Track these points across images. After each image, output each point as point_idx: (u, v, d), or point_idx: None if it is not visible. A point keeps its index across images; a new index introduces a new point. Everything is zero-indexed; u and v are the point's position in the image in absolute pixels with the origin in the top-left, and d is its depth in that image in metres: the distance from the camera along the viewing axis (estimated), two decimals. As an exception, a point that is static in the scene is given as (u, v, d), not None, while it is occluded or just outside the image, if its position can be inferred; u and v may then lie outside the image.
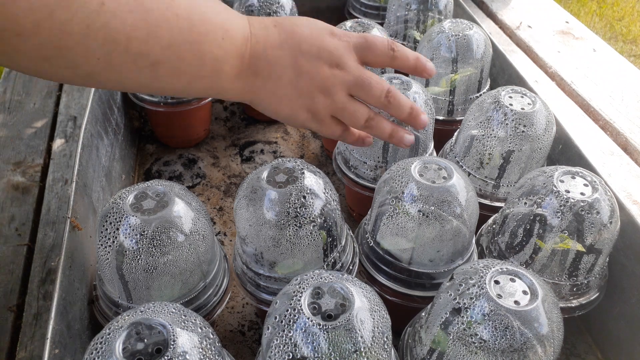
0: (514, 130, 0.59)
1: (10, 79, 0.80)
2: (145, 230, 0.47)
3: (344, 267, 0.55)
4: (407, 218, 0.51)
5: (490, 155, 0.61)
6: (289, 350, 0.37)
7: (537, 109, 0.60)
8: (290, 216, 0.49)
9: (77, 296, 0.52)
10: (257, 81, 0.50)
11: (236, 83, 0.49)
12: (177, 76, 0.45)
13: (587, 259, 0.52)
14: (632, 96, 0.82)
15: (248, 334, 0.62)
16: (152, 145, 0.88)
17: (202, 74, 0.46)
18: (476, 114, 0.63)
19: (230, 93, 0.50)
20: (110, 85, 0.45)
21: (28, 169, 0.67)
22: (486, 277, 0.42)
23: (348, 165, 0.67)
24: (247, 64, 0.49)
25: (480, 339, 0.40)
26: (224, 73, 0.48)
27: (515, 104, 0.61)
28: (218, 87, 0.49)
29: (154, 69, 0.43)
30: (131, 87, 0.47)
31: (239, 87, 0.50)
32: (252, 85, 0.50)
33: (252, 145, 0.89)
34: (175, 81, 0.45)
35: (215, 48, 0.46)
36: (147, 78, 0.44)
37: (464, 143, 0.64)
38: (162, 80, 0.45)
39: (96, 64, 0.40)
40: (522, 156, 0.60)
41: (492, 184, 0.63)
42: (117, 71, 0.41)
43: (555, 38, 0.96)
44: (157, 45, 0.42)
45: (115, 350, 0.36)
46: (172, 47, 0.43)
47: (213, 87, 0.48)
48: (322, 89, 0.52)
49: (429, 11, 0.84)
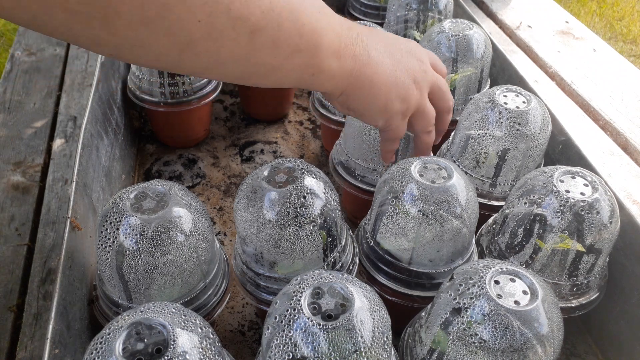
0: (509, 128, 0.59)
1: (10, 79, 0.80)
2: (145, 230, 0.47)
3: (344, 267, 0.55)
4: (407, 218, 0.51)
5: (486, 154, 0.62)
6: (289, 350, 0.37)
7: (531, 107, 0.60)
8: (290, 216, 0.49)
9: (77, 296, 0.52)
10: (355, 64, 0.48)
11: (334, 62, 0.47)
12: (275, 48, 0.42)
13: (587, 259, 0.52)
14: (632, 96, 0.82)
15: (248, 334, 0.62)
16: (152, 145, 0.88)
17: (300, 47, 0.44)
18: (471, 113, 0.63)
19: (325, 75, 0.47)
20: (204, 60, 0.41)
21: (28, 169, 0.67)
22: (486, 277, 0.42)
23: (354, 175, 0.67)
24: (344, 44, 0.47)
25: (480, 339, 0.40)
26: (322, 48, 0.45)
27: (510, 103, 0.61)
28: (315, 65, 0.46)
29: (252, 36, 0.40)
30: (225, 60, 0.42)
31: (336, 67, 0.47)
32: (352, 68, 0.48)
33: (252, 145, 0.89)
34: (272, 54, 0.43)
35: (313, 20, 0.44)
36: (245, 49, 0.41)
37: (460, 143, 0.64)
38: (259, 53, 0.42)
39: (196, 29, 0.38)
40: (518, 154, 0.60)
41: (488, 182, 0.63)
42: (215, 38, 0.39)
43: (555, 38, 0.96)
44: (258, 9, 0.39)
45: (115, 350, 0.36)
46: (272, 12, 0.40)
47: (310, 65, 0.45)
48: (415, 81, 0.52)
49: (429, 11, 0.84)
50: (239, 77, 0.46)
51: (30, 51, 0.87)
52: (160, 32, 0.37)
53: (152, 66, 0.43)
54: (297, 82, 0.48)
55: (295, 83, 0.48)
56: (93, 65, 0.81)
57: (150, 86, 0.79)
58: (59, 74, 0.81)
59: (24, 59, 0.85)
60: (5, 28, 2.17)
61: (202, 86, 0.81)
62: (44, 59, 0.85)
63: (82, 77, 0.80)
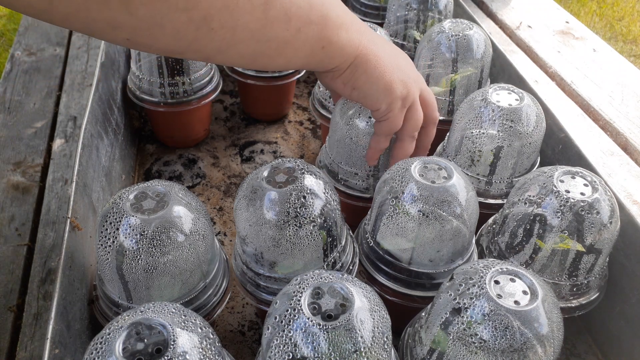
0: (502, 126, 0.60)
1: (10, 79, 0.80)
2: (145, 230, 0.47)
3: (344, 267, 0.55)
4: (407, 218, 0.51)
5: (480, 153, 0.62)
6: (289, 350, 0.37)
7: (524, 105, 0.60)
8: (290, 216, 0.49)
9: (77, 296, 0.52)
10: (362, 39, 0.50)
11: (343, 34, 0.48)
12: (287, 20, 0.43)
13: (587, 259, 0.52)
14: (632, 96, 0.82)
15: (248, 334, 0.62)
16: (152, 145, 0.88)
17: (311, 18, 0.45)
18: (465, 112, 0.63)
19: (335, 47, 0.48)
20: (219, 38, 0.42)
21: (28, 169, 0.67)
22: (486, 277, 0.42)
23: (337, 179, 0.66)
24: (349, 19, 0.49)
25: (480, 339, 0.40)
26: (331, 20, 0.47)
27: (503, 101, 0.61)
28: (325, 37, 0.47)
29: (266, 8, 0.41)
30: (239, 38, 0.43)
31: (345, 39, 0.48)
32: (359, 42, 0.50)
33: (252, 145, 0.89)
34: (284, 27, 0.44)
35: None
36: (259, 22, 0.42)
37: (454, 142, 0.65)
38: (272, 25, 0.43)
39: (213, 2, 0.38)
40: (512, 152, 0.61)
41: (484, 181, 0.63)
42: (231, 11, 0.40)
43: (555, 38, 0.96)
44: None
45: (115, 350, 0.36)
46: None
47: (320, 37, 0.47)
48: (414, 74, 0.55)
49: (429, 11, 0.84)
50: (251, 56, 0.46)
51: (30, 51, 0.87)
52: (178, 7, 0.37)
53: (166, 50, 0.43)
54: (308, 57, 0.48)
55: (305, 59, 0.49)
56: (93, 65, 0.81)
57: (150, 86, 0.79)
58: (59, 74, 0.81)
59: (24, 59, 0.85)
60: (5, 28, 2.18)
61: (202, 86, 0.81)
62: (44, 59, 0.85)
63: (82, 77, 0.80)
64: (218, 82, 0.84)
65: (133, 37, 0.39)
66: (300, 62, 0.49)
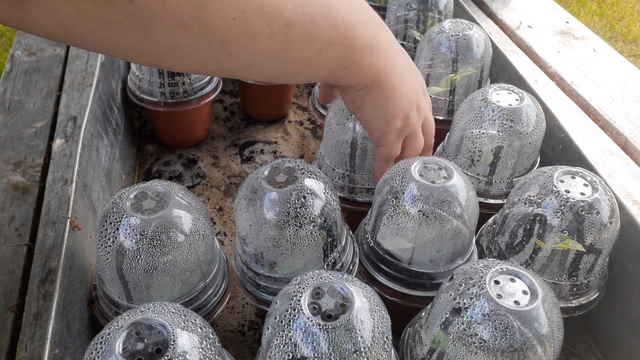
0: (502, 126, 0.60)
1: (10, 79, 0.80)
2: (145, 230, 0.47)
3: (344, 267, 0.55)
4: (407, 218, 0.51)
5: (480, 153, 0.62)
6: (289, 351, 0.37)
7: (524, 105, 0.60)
8: (290, 216, 0.49)
9: (77, 296, 0.52)
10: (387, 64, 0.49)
11: (367, 57, 0.47)
12: (308, 42, 0.42)
13: (587, 259, 0.52)
14: (632, 96, 0.82)
15: (248, 334, 0.62)
16: (152, 145, 0.88)
17: (333, 40, 0.44)
18: (465, 112, 0.63)
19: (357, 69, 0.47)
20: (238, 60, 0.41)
21: (28, 169, 0.67)
22: (486, 277, 0.42)
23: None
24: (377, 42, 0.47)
25: (480, 339, 0.40)
26: (356, 41, 0.45)
27: (503, 101, 0.61)
28: (347, 59, 0.46)
29: (286, 30, 0.41)
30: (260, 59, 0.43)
31: (368, 62, 0.47)
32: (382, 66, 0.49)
33: (252, 145, 0.89)
34: (305, 49, 0.43)
35: (344, 13, 0.44)
36: (279, 45, 0.41)
37: (454, 142, 0.65)
38: (293, 47, 0.42)
39: (232, 28, 0.38)
40: (512, 152, 0.61)
41: (484, 181, 0.63)
42: (250, 35, 0.39)
43: (555, 38, 0.96)
44: (290, 3, 0.40)
45: (115, 350, 0.36)
46: (304, 5, 0.41)
47: (342, 58, 0.46)
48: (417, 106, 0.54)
49: (429, 11, 0.84)
50: (272, 75, 0.46)
51: (30, 51, 0.86)
52: (196, 33, 0.37)
53: (188, 70, 0.44)
54: (327, 77, 0.48)
55: (325, 77, 0.48)
56: (93, 65, 0.81)
57: (150, 86, 0.79)
58: (59, 74, 0.81)
59: (24, 59, 0.85)
60: (5, 28, 2.17)
61: (202, 86, 0.81)
62: (44, 59, 0.85)
63: (82, 77, 0.80)
64: (218, 82, 0.84)
65: (153, 61, 0.40)
66: (321, 79, 0.49)
